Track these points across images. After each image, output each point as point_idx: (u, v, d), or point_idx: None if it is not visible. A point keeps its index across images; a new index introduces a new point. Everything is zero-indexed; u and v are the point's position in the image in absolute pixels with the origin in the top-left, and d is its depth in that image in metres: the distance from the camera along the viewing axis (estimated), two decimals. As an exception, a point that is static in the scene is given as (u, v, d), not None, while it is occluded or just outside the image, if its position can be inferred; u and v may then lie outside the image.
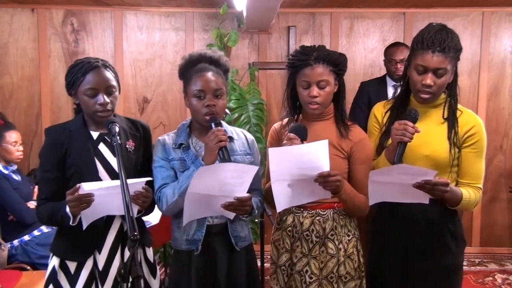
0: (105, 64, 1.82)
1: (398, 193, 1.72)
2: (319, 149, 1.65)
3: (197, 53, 1.86)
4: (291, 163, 1.67)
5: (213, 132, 1.70)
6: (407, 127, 1.70)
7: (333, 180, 1.68)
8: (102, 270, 1.79)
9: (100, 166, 1.79)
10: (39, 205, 1.82)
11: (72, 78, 1.78)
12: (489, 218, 4.35)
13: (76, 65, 1.79)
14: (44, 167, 1.81)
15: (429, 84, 1.75)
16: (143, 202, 1.72)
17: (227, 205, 1.68)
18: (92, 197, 1.59)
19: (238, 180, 1.67)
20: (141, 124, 1.96)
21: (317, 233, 1.87)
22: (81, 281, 1.78)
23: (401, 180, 1.66)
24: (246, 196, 1.70)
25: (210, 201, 1.69)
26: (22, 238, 3.01)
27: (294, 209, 1.92)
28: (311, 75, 1.81)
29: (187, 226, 1.83)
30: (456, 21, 4.16)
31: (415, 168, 1.65)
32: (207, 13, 4.14)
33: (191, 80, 1.81)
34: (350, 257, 1.89)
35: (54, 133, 1.83)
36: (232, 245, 1.84)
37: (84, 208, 1.61)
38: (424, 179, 1.64)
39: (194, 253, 1.82)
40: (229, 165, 1.67)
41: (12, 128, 3.26)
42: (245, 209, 1.73)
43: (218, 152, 1.68)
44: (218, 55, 1.86)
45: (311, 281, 1.86)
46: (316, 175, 1.67)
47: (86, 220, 1.66)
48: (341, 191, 1.74)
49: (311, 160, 1.67)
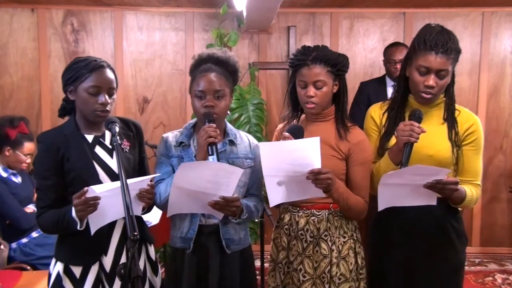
0: (109, 66, 1.82)
1: (408, 196, 1.72)
2: (310, 146, 1.65)
3: (206, 53, 1.85)
4: (282, 158, 1.67)
5: (204, 128, 1.71)
6: (414, 127, 1.70)
7: (323, 178, 1.67)
8: (109, 272, 1.78)
9: (100, 169, 1.78)
10: (40, 214, 1.77)
11: (75, 74, 1.75)
12: (489, 218, 4.35)
13: (80, 62, 1.77)
14: (41, 175, 1.76)
15: (432, 85, 1.75)
16: (149, 199, 1.73)
17: (213, 204, 1.69)
18: (98, 200, 1.58)
19: (223, 179, 1.67)
20: (133, 122, 1.94)
21: (311, 233, 1.87)
22: (88, 285, 1.76)
23: (412, 181, 1.67)
24: (233, 197, 1.70)
25: (194, 197, 1.70)
26: (20, 241, 2.98)
27: (291, 208, 1.93)
28: (308, 75, 1.81)
29: (181, 224, 1.85)
30: (456, 21, 4.16)
31: (428, 168, 1.66)
32: (207, 13, 4.15)
33: (195, 80, 1.83)
34: (344, 259, 1.88)
35: (48, 138, 1.79)
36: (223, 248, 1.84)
37: (91, 211, 1.60)
38: (435, 178, 1.65)
39: (187, 251, 1.84)
40: (213, 164, 1.68)
41: (31, 139, 3.14)
42: (232, 210, 1.73)
43: (207, 149, 1.69)
44: (227, 56, 1.85)
45: (305, 279, 1.87)
46: (307, 172, 1.67)
47: (94, 225, 1.65)
48: (332, 189, 1.73)
49: (302, 157, 1.67)
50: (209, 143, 1.69)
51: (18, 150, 3.03)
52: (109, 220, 1.70)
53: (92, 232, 1.65)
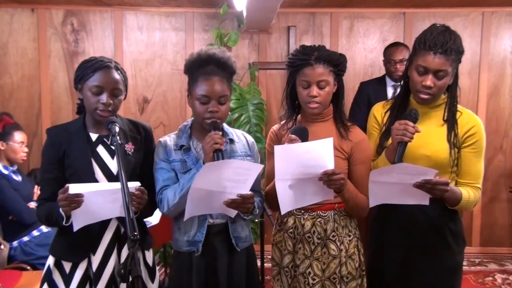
0: (117, 67, 1.84)
1: (399, 194, 1.72)
2: (324, 147, 1.66)
3: (206, 54, 1.81)
4: (296, 161, 1.67)
5: (210, 135, 1.70)
6: (408, 127, 1.70)
7: (337, 179, 1.69)
8: (96, 271, 1.78)
9: (97, 168, 1.78)
10: (39, 205, 1.83)
11: (82, 73, 1.79)
12: (489, 218, 4.35)
13: (89, 61, 1.81)
14: (44, 168, 1.83)
15: (429, 86, 1.75)
16: (138, 203, 1.68)
17: (229, 202, 1.68)
18: (81, 198, 1.58)
19: (242, 177, 1.67)
20: (143, 126, 1.94)
21: (318, 235, 1.87)
22: (75, 281, 1.78)
23: (401, 180, 1.66)
24: (249, 193, 1.70)
25: (212, 197, 1.68)
26: (21, 239, 3.01)
27: (295, 211, 1.92)
28: (311, 75, 1.81)
29: (188, 227, 1.83)
30: (456, 21, 4.15)
31: (415, 167, 1.65)
32: (207, 13, 4.14)
33: (197, 82, 1.79)
34: (351, 257, 1.90)
35: (54, 133, 1.84)
36: (232, 246, 1.84)
37: (74, 208, 1.60)
38: (424, 178, 1.64)
39: (195, 254, 1.82)
40: (234, 162, 1.69)
41: (19, 128, 3.29)
42: (247, 206, 1.73)
43: (213, 155, 1.68)
44: (227, 57, 1.83)
45: (314, 282, 1.86)
46: (321, 173, 1.67)
47: (77, 223, 1.65)
48: (344, 189, 1.75)
49: (315, 158, 1.67)
50: (215, 150, 1.68)
51: (10, 141, 3.15)
52: (95, 220, 1.70)
53: (74, 229, 1.65)
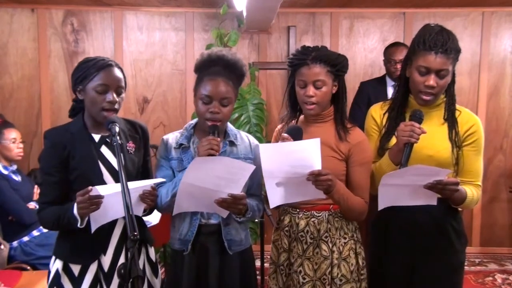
0: (117, 65, 1.84)
1: (408, 196, 1.72)
2: (310, 147, 1.64)
3: (215, 55, 1.81)
4: (283, 160, 1.66)
5: (208, 139, 1.69)
6: (414, 128, 1.70)
7: (324, 179, 1.67)
8: (107, 271, 1.78)
9: (104, 169, 1.78)
10: (42, 209, 1.78)
11: (84, 73, 1.77)
12: (489, 218, 4.35)
13: (89, 61, 1.79)
14: (45, 171, 1.78)
15: (432, 85, 1.75)
16: (151, 201, 1.73)
17: (220, 201, 1.67)
18: (102, 199, 1.59)
19: (234, 176, 1.66)
20: (140, 125, 1.95)
21: (311, 234, 1.87)
22: (86, 284, 1.76)
23: (413, 181, 1.66)
24: (241, 194, 1.69)
25: (203, 194, 1.68)
26: (21, 239, 3.01)
27: (291, 210, 1.92)
28: (307, 74, 1.81)
29: (180, 226, 1.85)
30: (456, 21, 4.16)
31: (429, 168, 1.65)
32: (207, 13, 4.15)
33: (202, 82, 1.80)
34: (345, 260, 1.88)
35: (55, 135, 1.81)
36: (225, 248, 1.83)
37: (93, 210, 1.60)
38: (435, 179, 1.65)
39: (184, 253, 1.83)
40: (225, 159, 1.68)
41: (10, 126, 3.28)
42: (239, 207, 1.72)
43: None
44: (236, 59, 1.82)
45: (305, 281, 1.86)
46: (307, 174, 1.66)
47: (95, 223, 1.66)
48: (333, 191, 1.73)
49: (302, 158, 1.66)
50: (209, 155, 1.67)
51: (2, 139, 3.15)
52: (109, 219, 1.71)
53: (92, 230, 1.65)
